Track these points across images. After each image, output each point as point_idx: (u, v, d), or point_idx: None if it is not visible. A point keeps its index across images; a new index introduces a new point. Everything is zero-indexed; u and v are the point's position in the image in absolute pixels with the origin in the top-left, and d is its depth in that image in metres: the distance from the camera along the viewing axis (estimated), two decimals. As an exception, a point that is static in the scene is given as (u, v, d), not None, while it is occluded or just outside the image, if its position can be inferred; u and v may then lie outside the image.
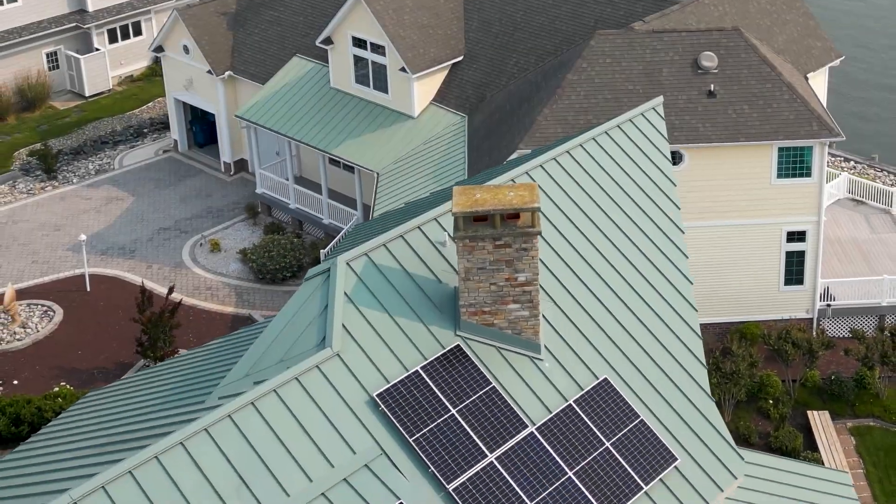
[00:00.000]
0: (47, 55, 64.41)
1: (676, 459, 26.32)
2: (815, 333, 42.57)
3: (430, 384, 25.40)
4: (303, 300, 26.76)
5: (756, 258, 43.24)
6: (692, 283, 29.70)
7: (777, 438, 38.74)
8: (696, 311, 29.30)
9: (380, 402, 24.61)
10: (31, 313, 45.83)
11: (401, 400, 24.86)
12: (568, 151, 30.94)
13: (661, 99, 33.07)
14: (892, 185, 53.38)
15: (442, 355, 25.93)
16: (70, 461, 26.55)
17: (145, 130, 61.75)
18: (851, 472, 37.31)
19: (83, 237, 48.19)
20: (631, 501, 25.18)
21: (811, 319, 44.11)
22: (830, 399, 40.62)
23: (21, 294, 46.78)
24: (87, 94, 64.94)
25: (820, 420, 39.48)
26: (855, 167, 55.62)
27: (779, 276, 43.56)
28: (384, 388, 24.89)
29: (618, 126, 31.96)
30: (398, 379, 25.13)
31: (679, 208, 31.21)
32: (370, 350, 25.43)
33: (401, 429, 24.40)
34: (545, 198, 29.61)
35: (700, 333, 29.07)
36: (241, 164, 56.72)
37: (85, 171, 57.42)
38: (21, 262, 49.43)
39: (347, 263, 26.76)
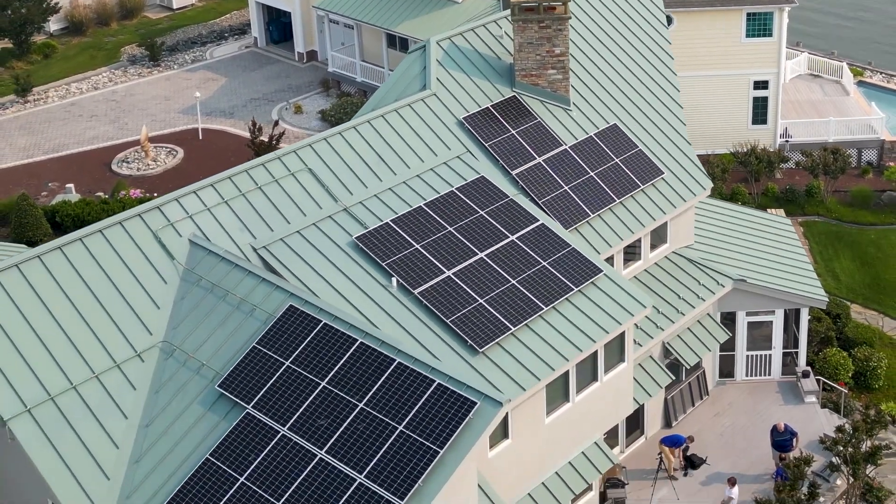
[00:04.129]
0: (139, -27, 76.80)
1: (662, 173, 38.61)
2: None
3: (497, 115, 37.72)
4: (407, 65, 39.05)
5: (729, 102, 55.34)
6: (679, 91, 41.63)
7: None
8: (679, 90, 41.55)
9: (465, 123, 36.93)
10: (158, 153, 58.06)
11: (480, 121, 37.17)
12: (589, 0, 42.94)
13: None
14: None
15: (505, 100, 38.23)
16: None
17: (226, 35, 74.02)
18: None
19: (198, 94, 60.62)
20: (634, 192, 37.41)
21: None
22: (786, 203, 52.66)
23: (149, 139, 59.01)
24: (174, 7, 77.35)
25: (775, 212, 51.59)
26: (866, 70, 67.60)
27: (747, 117, 55.69)
28: (468, 114, 37.20)
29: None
30: (478, 109, 37.46)
31: (672, 57, 43.10)
32: (456, 94, 37.72)
33: (479, 137, 36.71)
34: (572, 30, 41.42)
35: (680, 104, 41.39)
36: (312, 55, 68.89)
37: (182, 60, 69.76)
38: (142, 121, 61.56)
39: (437, 42, 39.05)
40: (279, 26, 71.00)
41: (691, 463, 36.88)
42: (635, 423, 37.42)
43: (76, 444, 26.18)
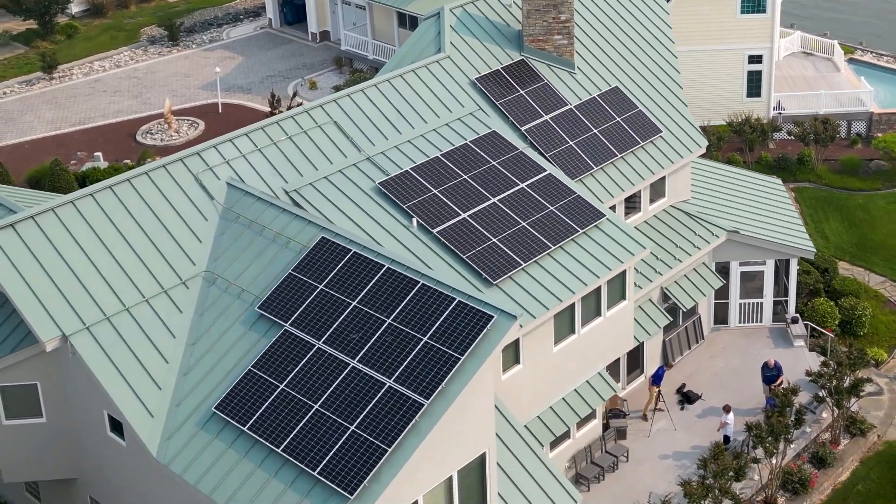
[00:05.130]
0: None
1: (660, 132, 41.39)
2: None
3: (507, 77, 40.48)
4: (422, 31, 41.84)
5: (725, 75, 58.16)
6: (676, 57, 44.41)
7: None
8: (676, 56, 44.33)
9: (478, 83, 39.69)
10: (180, 125, 60.84)
11: (491, 82, 39.93)
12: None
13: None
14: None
15: (514, 63, 41.02)
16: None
17: (241, 17, 76.80)
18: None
19: (218, 69, 63.49)
20: (634, 148, 40.18)
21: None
22: (779, 171, 55.41)
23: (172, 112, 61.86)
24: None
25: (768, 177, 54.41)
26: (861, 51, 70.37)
27: (742, 90, 58.50)
28: (480, 75, 39.97)
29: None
30: (489, 71, 40.24)
31: (670, 27, 45.77)
32: (468, 57, 40.50)
33: (491, 96, 39.47)
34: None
35: (678, 69, 44.16)
36: (325, 35, 71.69)
37: (200, 40, 72.60)
38: (164, 96, 64.34)
39: (451, 10, 41.83)
40: (293, 8, 73.81)
41: (687, 398, 39.68)
42: (636, 362, 40.19)
43: (130, 358, 28.96)
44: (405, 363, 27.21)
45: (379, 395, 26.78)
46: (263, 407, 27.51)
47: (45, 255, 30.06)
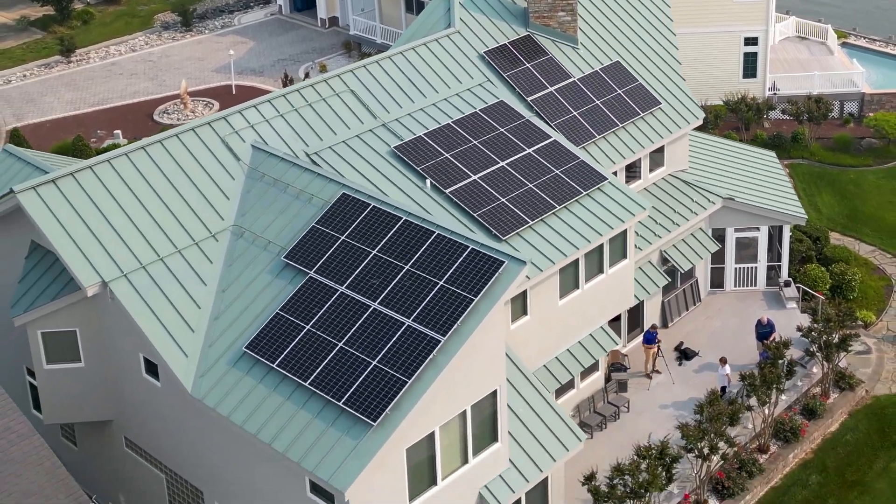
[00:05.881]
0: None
1: (660, 103, 43.53)
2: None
3: (514, 51, 42.62)
4: (432, 8, 43.95)
5: (722, 56, 60.32)
6: (675, 34, 46.54)
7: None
8: (674, 33, 46.47)
9: (486, 56, 41.82)
10: (196, 105, 62.98)
11: (499, 55, 42.05)
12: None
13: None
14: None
15: (520, 38, 43.16)
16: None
17: (251, 4, 78.93)
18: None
19: (231, 52, 65.69)
20: (634, 119, 42.30)
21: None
22: (773, 149, 57.42)
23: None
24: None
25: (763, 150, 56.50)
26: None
27: (739, 70, 60.66)
28: (488, 49, 42.10)
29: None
30: (497, 45, 42.37)
31: (669, 5, 47.88)
32: (477, 32, 42.62)
33: (498, 69, 41.61)
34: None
35: (676, 46, 46.28)
36: (333, 21, 73.82)
37: (213, 26, 74.76)
38: (179, 78, 66.48)
39: (460, -13, 43.98)
40: (302, -5, 76.06)
41: (685, 355, 41.80)
42: (636, 321, 42.30)
43: (165, 303, 31.07)
44: (423, 304, 29.33)
45: (398, 333, 28.89)
46: (291, 346, 29.63)
47: (84, 208, 32.17)
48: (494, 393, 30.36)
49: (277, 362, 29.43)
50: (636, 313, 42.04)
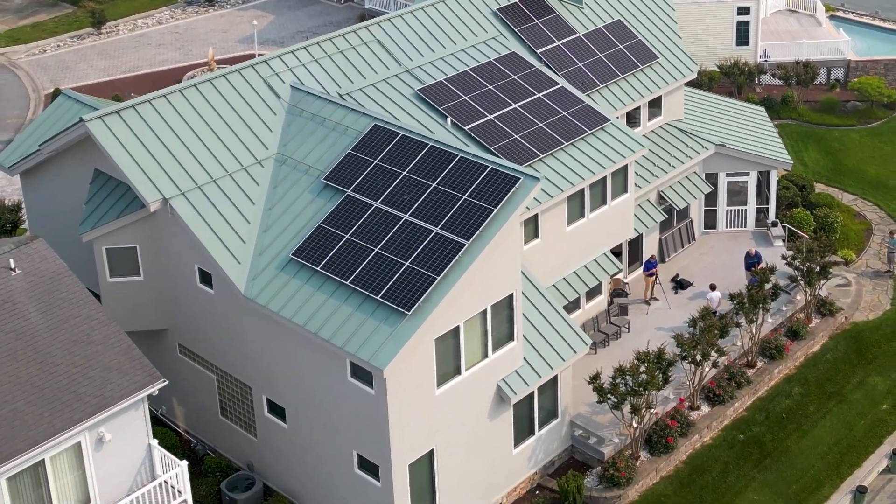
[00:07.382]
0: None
1: (657, 58, 47.56)
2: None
3: (524, 9, 46.63)
4: (451, -30, 47.93)
5: (716, 26, 64.39)
6: (674, 10, 50.56)
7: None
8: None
9: (499, 13, 45.84)
10: (222, 73, 67.05)
11: (510, 12, 46.08)
12: None
13: None
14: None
15: (529, -4, 47.25)
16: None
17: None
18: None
19: (255, 22, 69.78)
20: (634, 70, 46.31)
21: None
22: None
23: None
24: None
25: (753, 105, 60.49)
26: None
27: (732, 39, 64.73)
28: (501, 6, 46.11)
29: None
30: (511, 2, 46.38)
31: None
32: (491, -9, 46.71)
33: (510, 24, 45.60)
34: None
35: (673, 7, 50.30)
36: (348, -4, 78.08)
37: (234, 1, 78.86)
38: (205, 48, 70.49)
39: (475, -48, 47.95)
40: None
41: (680, 285, 45.82)
42: (636, 255, 46.32)
43: (218, 218, 35.10)
44: (448, 215, 33.37)
45: (428, 239, 32.93)
46: (332, 251, 33.67)
47: (145, 136, 36.20)
48: (511, 297, 34.39)
49: (321, 265, 33.46)
50: (636, 248, 46.05)
